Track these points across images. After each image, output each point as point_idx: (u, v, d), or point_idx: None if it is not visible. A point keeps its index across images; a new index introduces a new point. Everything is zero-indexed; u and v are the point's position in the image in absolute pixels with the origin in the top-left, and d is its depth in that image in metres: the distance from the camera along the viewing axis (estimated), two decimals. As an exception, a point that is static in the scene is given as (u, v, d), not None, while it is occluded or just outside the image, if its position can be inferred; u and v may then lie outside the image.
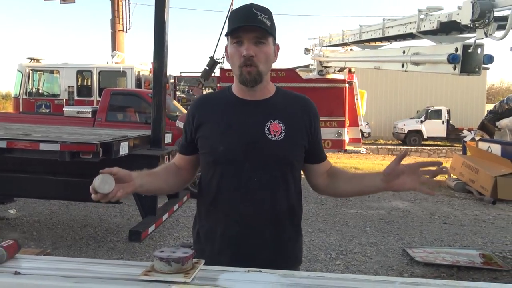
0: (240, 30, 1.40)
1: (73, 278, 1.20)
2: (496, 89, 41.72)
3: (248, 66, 1.40)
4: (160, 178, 1.54)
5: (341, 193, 1.62)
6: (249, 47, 1.39)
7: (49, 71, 12.31)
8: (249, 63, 1.40)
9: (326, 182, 1.59)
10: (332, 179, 1.59)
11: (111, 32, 17.48)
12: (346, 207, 6.97)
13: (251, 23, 1.38)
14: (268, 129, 1.44)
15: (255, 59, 1.40)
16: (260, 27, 1.39)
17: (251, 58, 1.39)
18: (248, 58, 1.39)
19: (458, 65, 4.73)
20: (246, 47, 1.39)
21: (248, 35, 1.40)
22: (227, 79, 9.77)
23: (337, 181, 1.58)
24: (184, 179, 1.62)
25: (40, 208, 6.23)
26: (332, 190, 1.61)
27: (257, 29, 1.39)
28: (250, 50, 1.39)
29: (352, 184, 1.56)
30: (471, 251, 4.83)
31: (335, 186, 1.58)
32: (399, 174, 1.42)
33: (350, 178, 1.58)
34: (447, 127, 19.64)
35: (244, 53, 1.39)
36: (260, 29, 1.39)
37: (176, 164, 1.61)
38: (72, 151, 3.51)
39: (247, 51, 1.39)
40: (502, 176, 7.53)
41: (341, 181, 1.57)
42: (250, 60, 1.39)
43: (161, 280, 1.16)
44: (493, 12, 4.35)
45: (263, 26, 1.39)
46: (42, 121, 7.28)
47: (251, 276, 1.21)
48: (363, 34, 8.01)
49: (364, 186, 1.53)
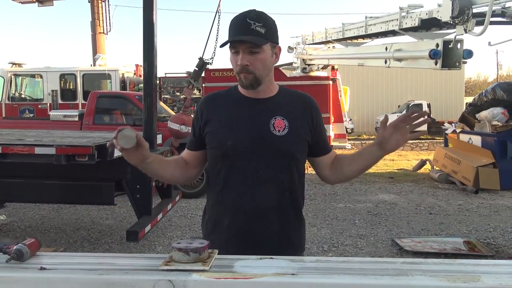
0: (235, 41, 1.50)
1: (97, 270, 1.26)
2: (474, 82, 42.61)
3: (243, 73, 1.52)
4: (169, 167, 1.65)
5: (349, 175, 1.71)
6: (244, 57, 1.51)
7: (32, 75, 12.17)
8: (245, 71, 1.52)
9: (333, 171, 1.69)
10: (337, 166, 1.69)
11: (92, 35, 17.30)
12: (335, 201, 7.12)
13: (244, 34, 1.48)
14: (272, 125, 1.54)
15: (250, 67, 1.51)
16: (250, 41, 1.48)
17: (246, 67, 1.51)
18: (243, 67, 1.51)
19: (439, 60, 4.88)
20: (241, 57, 1.51)
21: (242, 46, 1.50)
22: (212, 79, 9.84)
23: (341, 166, 1.68)
24: (189, 174, 1.70)
25: (30, 213, 6.21)
26: (340, 176, 1.71)
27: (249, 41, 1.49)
28: (244, 60, 1.50)
29: (355, 163, 1.66)
30: (457, 239, 5.02)
31: (342, 171, 1.68)
32: (390, 136, 1.55)
33: (351, 159, 1.68)
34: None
35: (239, 63, 1.51)
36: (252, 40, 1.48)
37: (185, 159, 1.70)
38: (68, 154, 3.54)
39: (241, 61, 1.50)
40: (483, 167, 7.78)
41: (344, 165, 1.68)
42: (246, 68, 1.51)
43: (181, 269, 1.23)
44: (471, 8, 4.52)
45: (255, 36, 1.48)
46: (28, 126, 7.22)
47: (263, 262, 1.30)
48: (345, 32, 8.14)
49: (366, 160, 1.64)
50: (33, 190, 4.26)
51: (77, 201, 5.08)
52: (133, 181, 4.11)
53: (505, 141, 7.85)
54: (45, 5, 18.79)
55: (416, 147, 17.30)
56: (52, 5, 19.02)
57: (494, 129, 8.37)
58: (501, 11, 5.13)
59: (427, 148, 16.77)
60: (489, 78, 43.14)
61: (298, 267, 1.25)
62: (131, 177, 4.09)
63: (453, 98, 23.31)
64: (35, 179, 4.19)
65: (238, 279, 1.16)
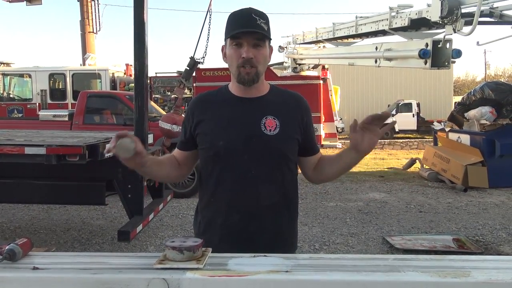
0: (241, 33, 1.50)
1: (91, 270, 1.26)
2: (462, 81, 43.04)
3: (247, 67, 1.51)
4: (164, 167, 1.65)
5: (330, 176, 1.72)
6: (249, 50, 1.50)
7: (20, 75, 12.03)
8: (248, 64, 1.51)
9: (315, 172, 1.71)
10: (319, 167, 1.70)
11: (81, 34, 17.18)
12: (326, 200, 7.15)
13: (252, 28, 1.49)
14: (263, 125, 1.55)
15: (254, 60, 1.51)
16: (259, 32, 1.50)
17: (251, 60, 1.51)
18: (247, 60, 1.50)
19: (428, 60, 4.95)
20: (246, 50, 1.50)
21: (247, 38, 1.51)
22: (203, 78, 9.82)
23: (324, 167, 1.69)
24: (182, 173, 1.73)
25: (20, 213, 6.15)
26: (321, 177, 1.72)
27: (256, 33, 1.50)
28: (249, 53, 1.50)
29: (335, 165, 1.66)
30: (446, 236, 5.07)
31: (323, 172, 1.69)
32: (362, 138, 1.52)
33: (332, 160, 1.68)
34: (417, 119, 20.20)
35: (244, 55, 1.50)
36: (259, 33, 1.50)
37: (176, 158, 1.70)
38: (58, 154, 3.52)
39: (247, 53, 1.50)
40: (472, 165, 7.87)
41: (325, 166, 1.69)
42: (250, 61, 1.51)
43: (175, 268, 1.23)
44: (460, 9, 4.58)
45: (262, 31, 1.51)
46: (17, 126, 7.13)
47: (257, 260, 1.31)
48: (336, 32, 8.20)
49: (345, 163, 1.63)
50: (23, 190, 4.23)
51: (68, 202, 5.05)
52: (124, 181, 4.09)
53: (493, 139, 7.94)
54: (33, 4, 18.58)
55: (406, 146, 17.42)
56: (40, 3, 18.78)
57: (482, 128, 8.47)
58: (489, 11, 5.21)
59: (416, 147, 16.89)
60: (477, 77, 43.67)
61: (292, 264, 1.26)
62: (122, 177, 4.07)
63: (442, 97, 23.55)
64: (25, 180, 4.15)
65: (232, 276, 1.17)
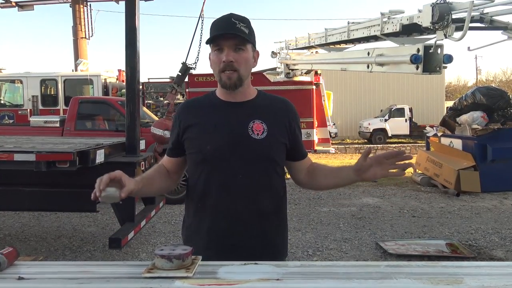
0: (220, 38, 1.50)
1: (77, 279, 1.23)
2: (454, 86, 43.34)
3: (228, 71, 1.51)
4: (155, 183, 1.62)
5: (321, 187, 1.74)
6: (229, 53, 1.50)
7: (11, 80, 11.94)
8: (229, 68, 1.51)
9: (307, 178, 1.70)
10: (312, 175, 1.70)
11: (73, 40, 17.14)
12: (319, 205, 7.14)
13: (230, 31, 1.49)
14: (251, 129, 1.54)
15: (235, 64, 1.51)
16: (238, 35, 1.49)
17: (231, 63, 1.50)
18: (228, 64, 1.50)
19: (420, 65, 4.97)
20: (226, 54, 1.50)
21: (227, 42, 1.50)
22: (195, 84, 9.80)
23: (317, 177, 1.69)
24: (173, 181, 1.71)
25: (10, 221, 6.07)
26: (313, 185, 1.72)
27: (235, 37, 1.50)
28: (229, 56, 1.50)
29: (330, 179, 1.67)
30: (439, 241, 5.07)
31: (315, 181, 1.69)
32: (368, 167, 1.53)
33: (328, 173, 1.69)
34: (410, 124, 20.30)
35: (224, 59, 1.50)
36: (238, 36, 1.50)
37: (165, 166, 1.68)
38: (48, 161, 3.47)
39: (227, 57, 1.50)
40: (464, 169, 7.91)
41: (320, 176, 1.68)
42: (231, 65, 1.50)
43: (164, 276, 1.21)
44: (451, 14, 4.62)
45: (241, 34, 1.50)
46: (8, 132, 7.07)
47: (248, 268, 1.29)
48: (328, 37, 8.24)
49: (340, 180, 1.64)
50: (13, 197, 4.17)
51: (59, 209, 4.99)
52: (115, 187, 4.04)
53: (485, 144, 7.99)
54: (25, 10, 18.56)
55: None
56: (32, 9, 18.80)
57: (474, 133, 8.52)
58: (480, 17, 5.25)
59: (409, 151, 16.97)
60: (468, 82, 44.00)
61: (283, 272, 1.25)
62: (114, 184, 4.02)
63: (434, 102, 23.71)
64: (15, 187, 4.09)
65: (222, 285, 1.15)
